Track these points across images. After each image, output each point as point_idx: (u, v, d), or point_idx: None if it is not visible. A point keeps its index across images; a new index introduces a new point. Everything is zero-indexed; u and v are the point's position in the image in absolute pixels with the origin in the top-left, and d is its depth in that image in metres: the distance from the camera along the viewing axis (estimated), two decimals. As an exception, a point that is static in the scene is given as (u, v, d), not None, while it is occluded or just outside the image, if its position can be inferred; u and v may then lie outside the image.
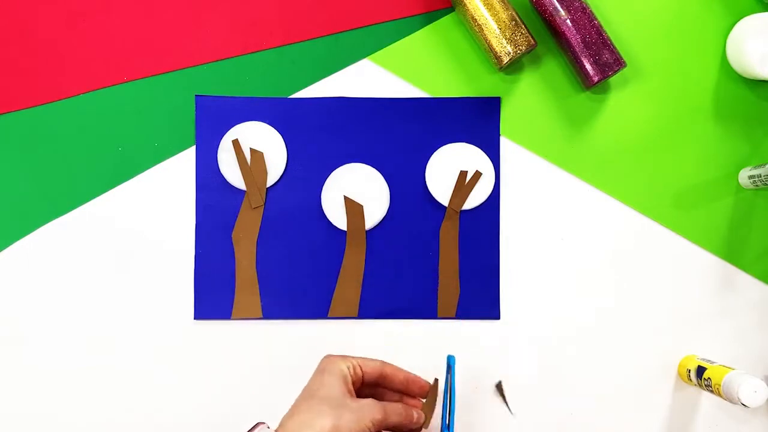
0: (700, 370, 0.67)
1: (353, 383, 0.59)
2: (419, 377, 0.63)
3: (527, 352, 0.71)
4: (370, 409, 0.57)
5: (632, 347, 0.71)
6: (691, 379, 0.68)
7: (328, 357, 0.60)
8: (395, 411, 0.59)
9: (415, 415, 0.60)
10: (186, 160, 0.70)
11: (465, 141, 0.71)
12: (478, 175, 0.70)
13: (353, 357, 0.61)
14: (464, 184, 0.70)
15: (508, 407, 0.70)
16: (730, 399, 0.63)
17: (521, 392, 0.70)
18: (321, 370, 0.59)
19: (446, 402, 0.63)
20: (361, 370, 0.60)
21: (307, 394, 0.57)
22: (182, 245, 0.70)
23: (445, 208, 0.70)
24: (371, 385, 0.62)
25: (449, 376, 0.63)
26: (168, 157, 0.70)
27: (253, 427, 0.58)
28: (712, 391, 0.65)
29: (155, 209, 0.70)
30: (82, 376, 0.70)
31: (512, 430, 0.70)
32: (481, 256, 0.70)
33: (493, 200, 0.71)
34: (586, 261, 0.71)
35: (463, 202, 0.70)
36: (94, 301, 0.70)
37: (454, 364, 0.62)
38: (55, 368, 0.70)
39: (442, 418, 0.62)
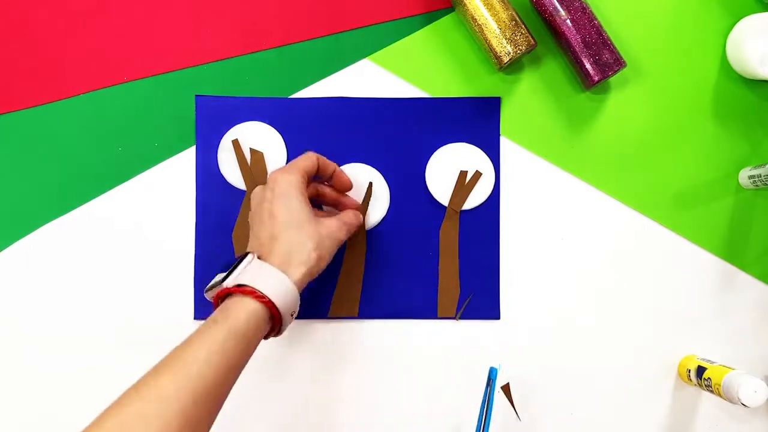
0: (700, 370, 0.67)
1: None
2: (343, 173, 0.66)
3: (527, 351, 0.71)
4: (338, 229, 0.61)
5: (632, 347, 0.71)
6: (691, 379, 0.68)
7: (280, 176, 0.61)
8: (351, 223, 0.64)
9: (355, 219, 0.65)
10: (186, 160, 0.70)
11: (465, 141, 0.71)
12: (478, 175, 0.70)
13: (293, 166, 0.62)
14: (464, 184, 0.70)
15: (516, 411, 0.70)
16: (730, 399, 0.63)
17: (521, 391, 0.70)
18: (281, 193, 0.60)
19: (481, 414, 0.62)
20: (306, 174, 0.62)
21: (283, 223, 0.58)
22: (182, 245, 0.70)
23: (445, 208, 0.70)
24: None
25: (489, 389, 0.62)
26: (168, 157, 0.70)
27: (242, 258, 0.58)
28: (712, 391, 0.65)
29: (155, 209, 0.70)
30: (82, 376, 0.70)
31: (512, 430, 0.70)
32: (481, 256, 0.70)
33: (493, 200, 0.70)
34: (586, 261, 0.71)
35: (463, 202, 0.70)
36: (94, 302, 0.70)
37: (495, 377, 0.61)
38: (55, 368, 0.70)
39: (476, 430, 0.62)
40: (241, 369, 0.54)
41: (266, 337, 0.57)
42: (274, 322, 0.57)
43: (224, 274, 0.57)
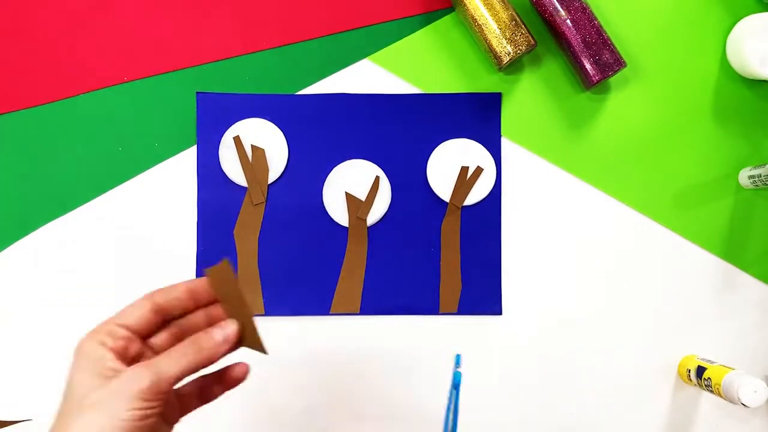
0: (700, 370, 0.67)
1: (122, 351, 0.45)
2: (201, 280, 0.48)
3: (528, 347, 0.71)
4: (130, 382, 0.43)
5: (632, 347, 0.71)
6: (691, 379, 0.68)
7: (80, 342, 0.45)
8: (175, 357, 0.45)
9: (217, 336, 0.46)
10: (186, 161, 0.70)
11: (466, 137, 0.71)
12: (479, 170, 0.70)
13: (108, 321, 0.46)
14: (465, 179, 0.70)
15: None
16: (730, 399, 0.63)
17: (521, 390, 0.70)
18: (71, 366, 0.45)
19: (448, 418, 0.60)
20: (125, 327, 0.46)
21: (61, 405, 0.44)
22: (183, 244, 0.70)
23: (447, 203, 0.70)
24: (162, 325, 0.48)
25: (455, 392, 0.59)
26: (168, 157, 0.70)
27: None
28: (712, 391, 0.65)
29: (156, 209, 0.70)
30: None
31: (512, 428, 0.70)
32: (482, 251, 0.71)
33: (495, 196, 0.71)
34: (586, 261, 0.71)
35: (465, 198, 0.70)
36: (95, 302, 0.70)
37: (460, 381, 0.59)
38: (57, 368, 0.70)
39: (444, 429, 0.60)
40: None
41: None
42: None
43: None
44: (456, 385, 0.60)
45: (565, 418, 0.71)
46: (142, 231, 0.70)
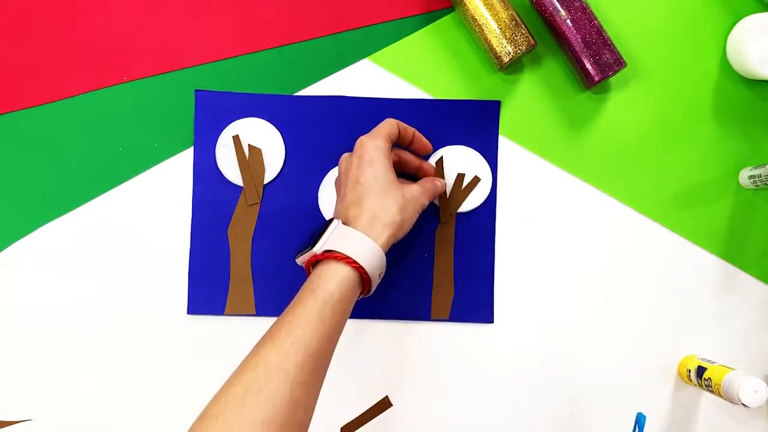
0: (700, 370, 0.67)
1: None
2: (422, 137, 0.67)
3: (523, 354, 0.71)
4: (419, 195, 0.63)
5: (632, 347, 0.71)
6: (691, 379, 0.68)
7: (366, 142, 0.62)
8: (431, 190, 0.65)
9: (439, 185, 0.67)
10: (186, 160, 0.70)
11: (463, 144, 0.70)
12: (476, 180, 0.70)
13: (378, 131, 0.63)
14: (461, 187, 0.70)
15: None
16: (730, 399, 0.63)
17: (521, 390, 0.70)
18: (368, 160, 0.61)
19: None
20: (390, 139, 0.63)
21: (368, 188, 0.60)
22: (182, 244, 0.70)
23: (442, 210, 0.70)
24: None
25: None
26: (168, 158, 0.70)
27: (327, 224, 0.59)
28: (712, 391, 0.65)
29: (155, 209, 0.70)
30: (76, 371, 0.70)
31: (512, 429, 0.70)
32: (476, 259, 0.70)
33: (490, 203, 0.70)
34: (585, 261, 0.71)
35: (460, 205, 0.70)
36: (94, 301, 0.70)
37: (643, 423, 0.62)
38: (53, 366, 0.70)
39: None
40: (341, 329, 0.57)
41: (358, 297, 0.60)
42: (363, 284, 0.59)
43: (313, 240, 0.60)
44: (640, 426, 0.63)
45: (564, 418, 0.71)
46: (142, 231, 0.70)
